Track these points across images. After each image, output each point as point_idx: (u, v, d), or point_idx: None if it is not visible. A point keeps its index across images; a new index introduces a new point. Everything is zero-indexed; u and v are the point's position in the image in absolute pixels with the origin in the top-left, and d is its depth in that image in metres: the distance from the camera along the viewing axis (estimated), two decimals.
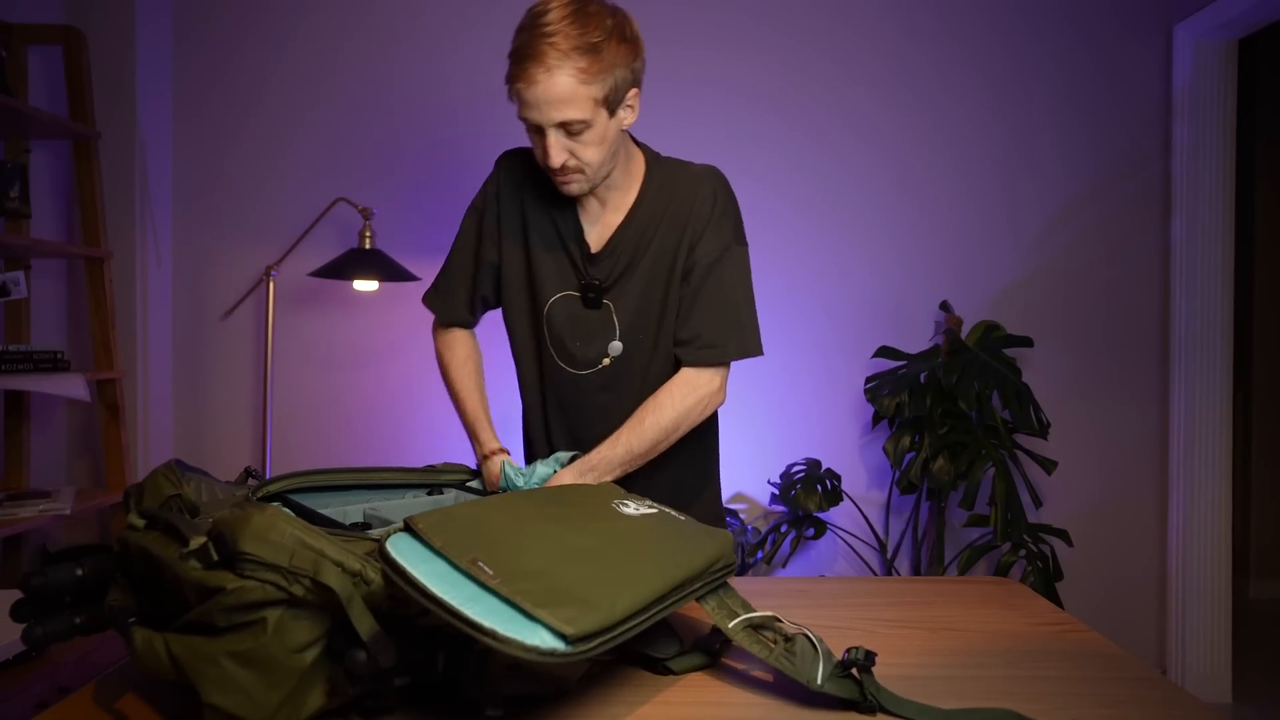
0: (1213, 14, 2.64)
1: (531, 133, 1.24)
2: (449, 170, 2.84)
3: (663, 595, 0.84)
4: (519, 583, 0.74)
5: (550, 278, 1.36)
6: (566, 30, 1.15)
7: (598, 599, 0.75)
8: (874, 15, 2.84)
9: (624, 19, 1.23)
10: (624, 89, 1.22)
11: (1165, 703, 0.89)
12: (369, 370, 2.86)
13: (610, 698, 0.89)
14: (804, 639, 0.90)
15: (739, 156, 2.82)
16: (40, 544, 2.60)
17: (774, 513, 2.81)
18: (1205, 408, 2.78)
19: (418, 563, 0.75)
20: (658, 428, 1.27)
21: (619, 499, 1.04)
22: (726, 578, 0.98)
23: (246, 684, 0.74)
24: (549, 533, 0.87)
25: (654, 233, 1.33)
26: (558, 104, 1.17)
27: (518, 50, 1.18)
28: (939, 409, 2.57)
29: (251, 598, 0.74)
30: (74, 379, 2.31)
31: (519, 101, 1.20)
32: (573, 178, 1.26)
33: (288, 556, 0.75)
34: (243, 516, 0.77)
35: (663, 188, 1.34)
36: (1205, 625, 2.78)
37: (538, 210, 1.37)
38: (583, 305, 1.35)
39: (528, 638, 0.68)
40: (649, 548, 0.91)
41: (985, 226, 2.86)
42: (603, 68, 1.17)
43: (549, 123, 1.19)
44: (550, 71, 1.15)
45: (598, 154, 1.24)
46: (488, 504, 0.93)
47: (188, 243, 2.86)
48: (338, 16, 2.84)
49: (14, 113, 2.25)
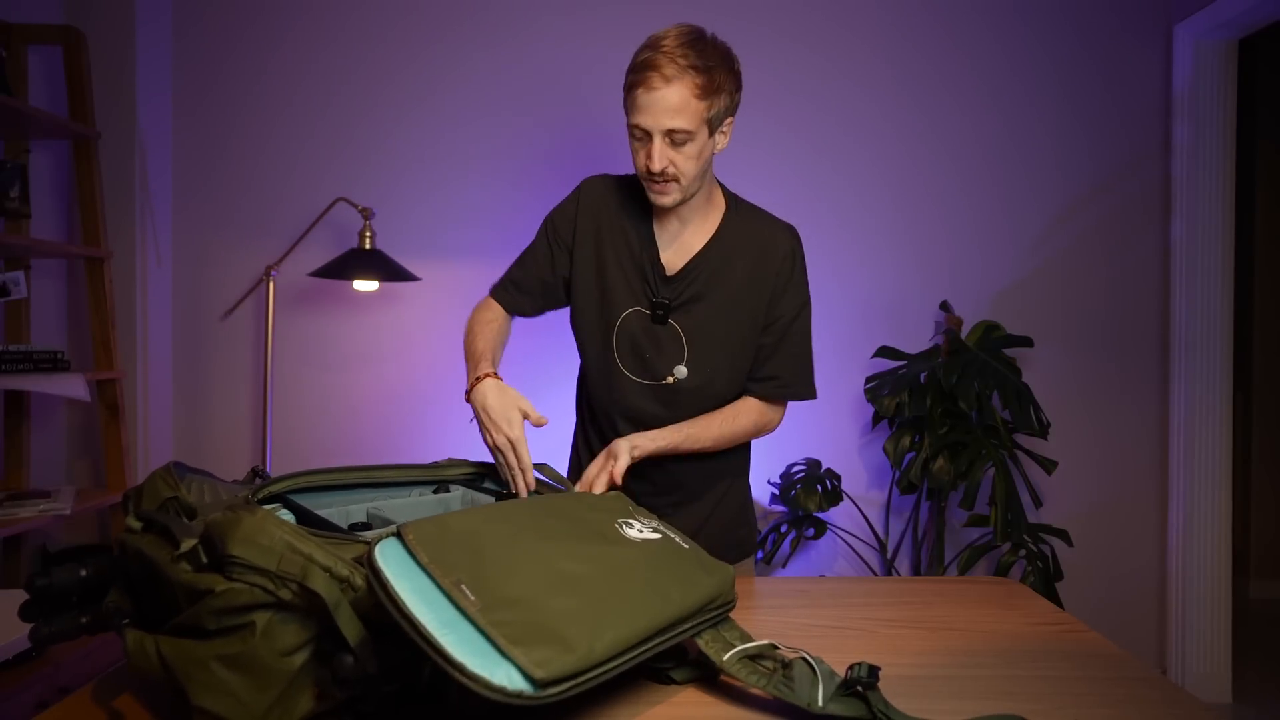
0: (1213, 14, 2.64)
1: (637, 141, 1.35)
2: (449, 170, 2.84)
3: (649, 636, 0.82)
4: (500, 612, 0.73)
5: (622, 293, 1.46)
6: (686, 51, 1.29)
7: (578, 639, 0.74)
8: (874, 15, 2.84)
9: (732, 56, 1.36)
10: (724, 115, 1.36)
11: (1165, 703, 0.89)
12: (369, 370, 2.86)
13: (608, 705, 0.87)
14: (802, 662, 0.87)
15: (739, 156, 2.82)
16: (40, 544, 2.61)
17: (774, 513, 2.81)
18: (1205, 408, 2.78)
19: (401, 577, 0.74)
20: (724, 431, 1.45)
21: (625, 517, 1.01)
22: (726, 614, 0.96)
23: (235, 687, 0.75)
24: (542, 553, 0.85)
25: (730, 268, 1.45)
26: (671, 112, 1.29)
27: (640, 63, 1.31)
28: (939, 409, 2.57)
29: (239, 600, 0.75)
30: (74, 379, 2.31)
31: (634, 108, 1.31)
32: (669, 187, 1.35)
33: (276, 560, 0.75)
34: (233, 519, 0.78)
35: (745, 228, 1.47)
36: (1205, 625, 2.78)
37: (614, 230, 1.47)
38: (651, 321, 1.46)
39: (495, 676, 0.68)
40: (643, 581, 0.88)
41: (985, 227, 2.86)
42: (713, 89, 1.30)
43: (659, 128, 1.30)
44: (669, 82, 1.28)
45: (694, 167, 1.34)
46: (485, 513, 0.91)
47: (188, 243, 2.86)
48: (337, 16, 2.84)
49: (14, 113, 2.25)
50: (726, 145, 1.40)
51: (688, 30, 1.32)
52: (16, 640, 1.70)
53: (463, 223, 2.82)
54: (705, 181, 1.42)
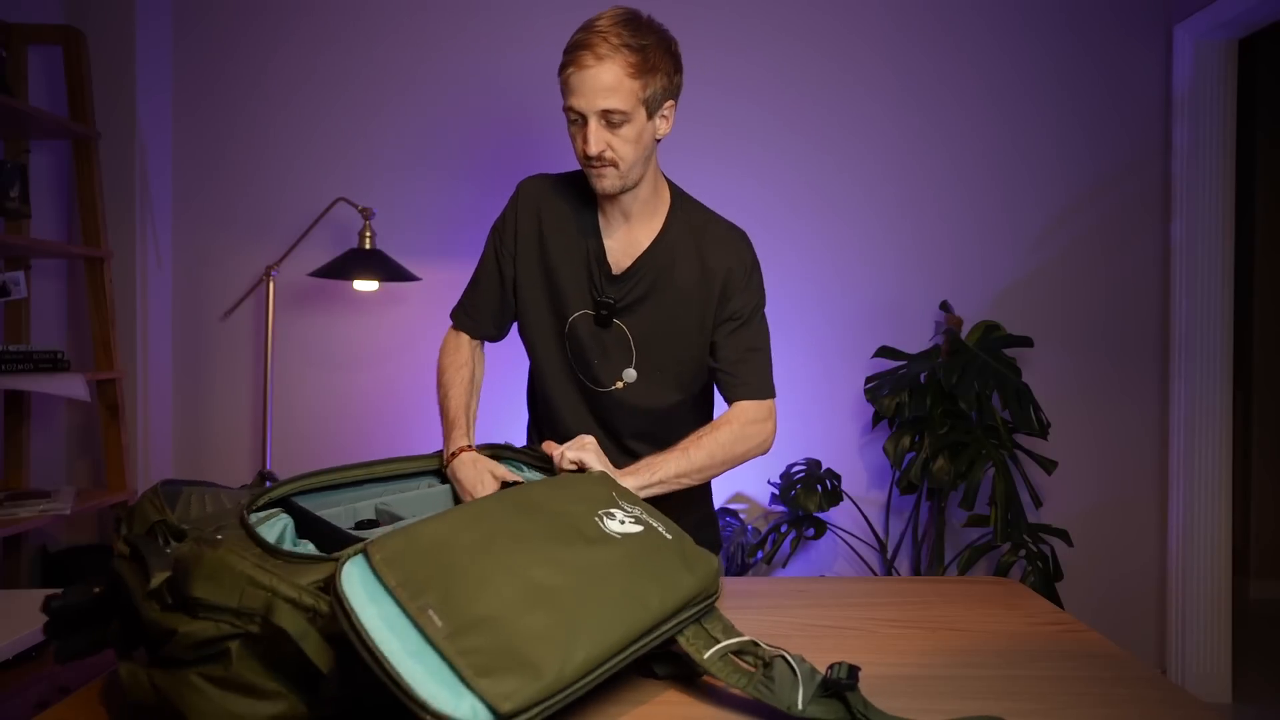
0: (1213, 14, 2.64)
1: (573, 126, 1.31)
2: (449, 170, 2.84)
3: (624, 646, 0.80)
4: (467, 638, 0.72)
5: (571, 295, 1.42)
6: (619, 30, 1.26)
7: (547, 663, 0.73)
8: (875, 15, 2.84)
9: (670, 37, 1.33)
10: (663, 97, 1.32)
11: (1165, 703, 0.89)
12: (369, 370, 2.86)
13: (589, 703, 0.85)
14: (782, 662, 0.84)
15: (739, 155, 2.83)
16: (40, 544, 2.61)
17: (774, 513, 2.81)
18: (1205, 408, 2.78)
19: (368, 604, 0.73)
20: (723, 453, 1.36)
21: (607, 507, 0.98)
22: (708, 608, 0.94)
23: (230, 704, 0.75)
24: (514, 563, 0.82)
25: (678, 266, 1.40)
26: (604, 92, 1.25)
27: (572, 45, 1.28)
28: (939, 409, 2.57)
29: (205, 636, 0.75)
30: (74, 379, 2.31)
31: (567, 90, 1.28)
32: (607, 171, 1.31)
33: (238, 597, 0.75)
34: (195, 556, 0.77)
35: (692, 228, 1.42)
36: (1205, 625, 2.78)
37: (557, 230, 1.43)
38: (595, 323, 1.41)
39: (459, 711, 0.67)
40: (620, 589, 0.85)
41: (985, 226, 2.86)
42: (648, 68, 1.27)
43: (593, 109, 1.26)
44: (601, 60, 1.25)
45: (633, 151, 1.30)
46: (457, 517, 0.88)
47: (188, 243, 2.85)
48: (338, 17, 2.84)
49: (14, 113, 2.25)
50: (669, 131, 1.36)
51: (622, 11, 1.29)
52: (17, 640, 1.70)
53: (463, 223, 2.82)
54: (649, 170, 1.37)
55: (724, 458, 1.36)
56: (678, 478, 1.30)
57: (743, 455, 1.40)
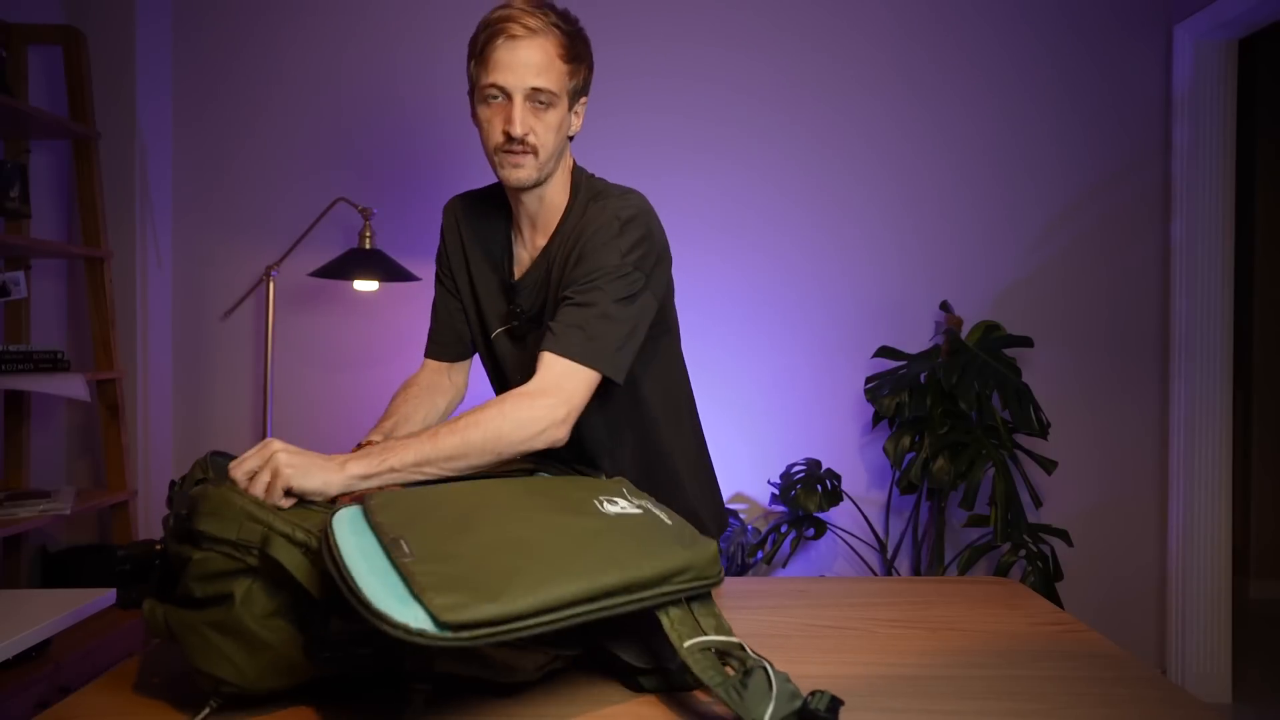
0: (1213, 14, 2.64)
1: (491, 105, 1.18)
2: (449, 170, 2.84)
3: (591, 598, 0.79)
4: (430, 564, 0.75)
5: (489, 314, 1.35)
6: (545, 11, 1.17)
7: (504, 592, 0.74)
8: (876, 14, 2.84)
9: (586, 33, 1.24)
10: (581, 91, 1.25)
11: (1165, 703, 0.89)
12: (369, 370, 2.86)
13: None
14: (761, 673, 0.79)
15: (740, 154, 2.82)
16: (40, 544, 2.61)
17: (774, 513, 2.81)
18: (1205, 408, 2.78)
19: (350, 536, 0.78)
20: (480, 435, 1.05)
21: (609, 495, 0.99)
22: (700, 591, 0.89)
23: (228, 651, 0.80)
24: (500, 521, 0.87)
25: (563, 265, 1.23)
26: (535, 69, 1.15)
27: (494, 19, 1.16)
28: (939, 409, 2.57)
29: (214, 568, 0.81)
30: (74, 379, 2.31)
31: (490, 65, 1.16)
32: (525, 159, 1.19)
33: (236, 530, 0.82)
34: (202, 493, 0.86)
35: (581, 209, 1.25)
36: (1205, 625, 2.78)
37: (476, 246, 1.36)
38: (510, 339, 1.33)
39: (400, 615, 0.70)
40: (598, 550, 0.84)
41: (985, 226, 2.86)
42: (575, 55, 1.20)
43: (522, 86, 1.15)
44: (533, 34, 1.15)
45: (553, 141, 1.20)
46: (463, 488, 0.94)
47: (188, 243, 2.85)
48: (338, 17, 2.84)
49: (14, 113, 2.25)
50: (579, 130, 1.28)
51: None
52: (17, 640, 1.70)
53: None
54: (559, 170, 1.26)
55: (484, 442, 1.04)
56: (418, 465, 1.00)
57: (519, 441, 1.07)
